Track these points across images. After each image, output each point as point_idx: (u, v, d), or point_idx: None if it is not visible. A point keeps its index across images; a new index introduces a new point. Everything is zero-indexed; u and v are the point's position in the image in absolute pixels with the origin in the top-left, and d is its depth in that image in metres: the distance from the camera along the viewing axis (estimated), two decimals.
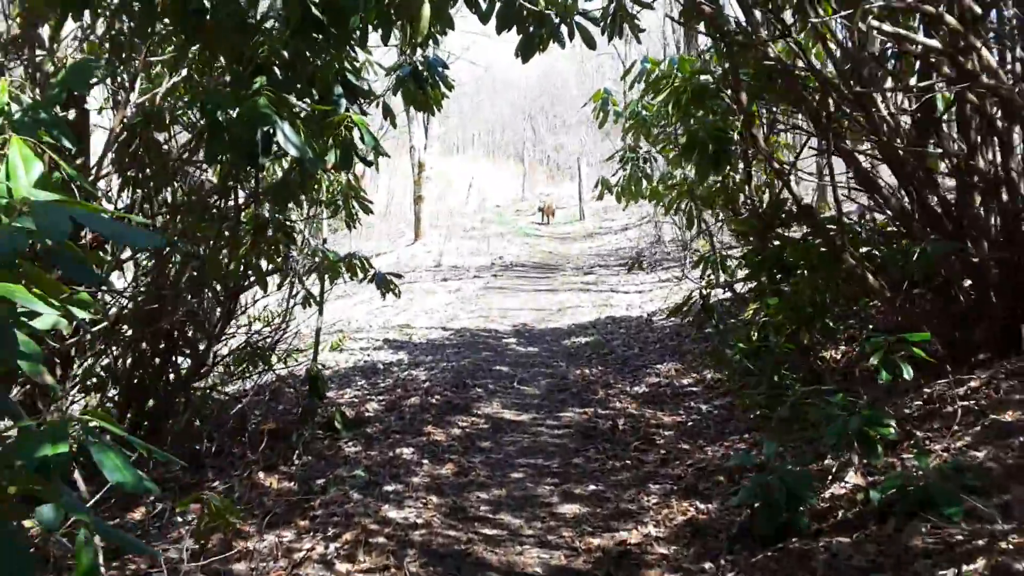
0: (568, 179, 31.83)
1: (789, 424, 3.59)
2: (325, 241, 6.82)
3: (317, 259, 5.84)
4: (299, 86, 3.29)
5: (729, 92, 4.32)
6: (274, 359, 5.63)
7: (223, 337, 5.17)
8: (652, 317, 8.02)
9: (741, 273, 5.72)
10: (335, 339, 8.17)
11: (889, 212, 3.95)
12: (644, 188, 7.14)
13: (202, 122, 2.85)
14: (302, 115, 3.00)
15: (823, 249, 4.02)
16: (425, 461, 4.38)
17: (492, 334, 8.28)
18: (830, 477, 3.29)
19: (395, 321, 9.46)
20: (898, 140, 3.68)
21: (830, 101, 3.79)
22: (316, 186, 5.94)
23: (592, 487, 3.94)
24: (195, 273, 4.59)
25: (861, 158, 4.04)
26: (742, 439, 4.35)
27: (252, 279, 5.20)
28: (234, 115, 2.77)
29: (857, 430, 3.02)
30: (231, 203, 4.66)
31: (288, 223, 5.19)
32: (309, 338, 7.33)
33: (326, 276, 5.81)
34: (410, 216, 19.65)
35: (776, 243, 5.19)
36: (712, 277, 5.78)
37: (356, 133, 3.12)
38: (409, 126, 17.86)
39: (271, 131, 2.74)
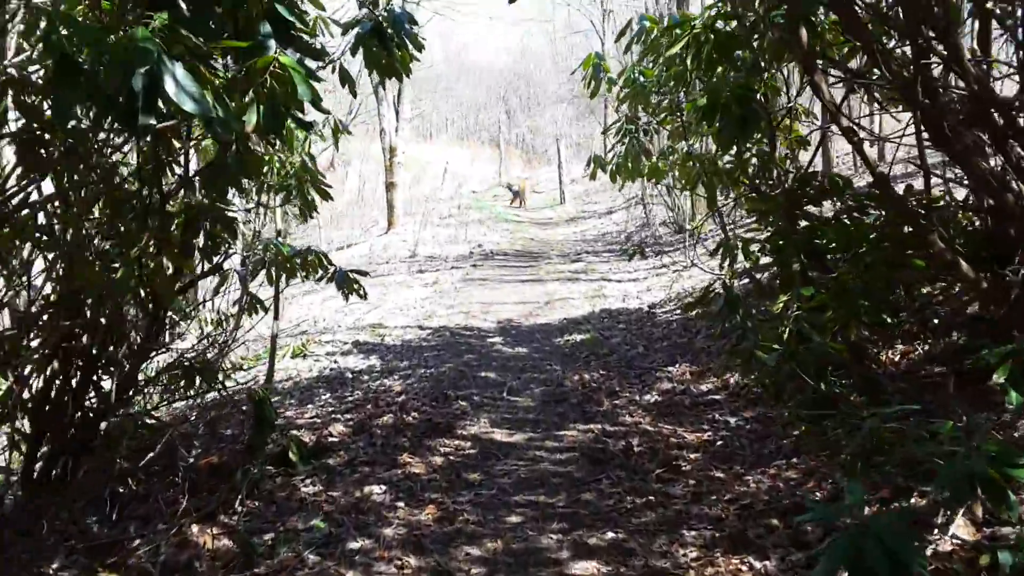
0: (546, 163, 30.95)
1: (867, 457, 2.78)
2: (280, 234, 5.92)
3: (269, 255, 4.95)
4: (212, 24, 2.40)
5: (768, 38, 3.48)
6: (223, 375, 4.76)
7: (154, 352, 4.30)
8: (654, 309, 7.20)
9: (761, 260, 4.93)
10: (298, 344, 7.28)
11: (972, 184, 3.14)
12: (642, 165, 6.33)
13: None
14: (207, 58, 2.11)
15: (904, 229, 3.19)
16: (400, 504, 3.54)
17: (475, 333, 7.42)
18: (935, 531, 2.51)
19: (367, 320, 8.56)
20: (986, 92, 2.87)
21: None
22: (264, 168, 5.07)
23: (610, 534, 3.13)
24: (115, 276, 3.70)
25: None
26: (788, 464, 3.56)
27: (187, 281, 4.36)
28: (103, 55, 1.88)
29: (982, 473, 2.21)
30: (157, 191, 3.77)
31: (229, 213, 4.29)
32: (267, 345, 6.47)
33: (282, 275, 4.92)
34: (383, 204, 18.69)
35: (804, 223, 4.44)
36: (730, 264, 4.98)
37: (290, 84, 2.24)
38: (379, 108, 16.88)
39: (155, 76, 1.86)
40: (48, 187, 3.38)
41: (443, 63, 50.00)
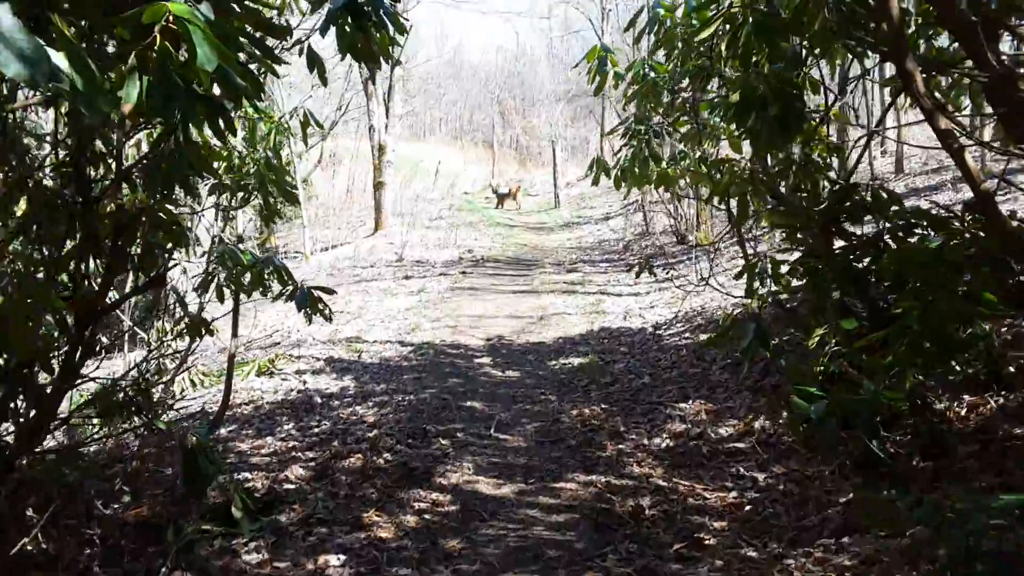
0: (541, 165, 30.29)
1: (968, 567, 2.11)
2: (241, 239, 5.22)
3: (224, 266, 4.26)
4: None
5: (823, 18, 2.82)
6: (161, 406, 4.10)
7: (79, 380, 3.61)
8: (660, 330, 6.53)
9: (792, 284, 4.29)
10: (265, 359, 6.57)
11: None
12: (650, 171, 5.67)
13: None
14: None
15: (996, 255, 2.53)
16: None
17: (461, 351, 6.73)
18: None
19: (344, 332, 7.87)
20: None
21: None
22: (221, 162, 4.40)
23: None
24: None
25: None
26: (839, 545, 2.88)
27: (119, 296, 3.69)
28: None
29: None
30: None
31: (172, 215, 3.60)
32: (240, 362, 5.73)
33: (236, 291, 4.23)
34: (371, 203, 17.98)
35: (842, 242, 3.84)
36: (757, 289, 4.31)
37: (190, 45, 1.54)
38: (368, 104, 16.18)
39: None
40: None
41: (437, 62, 49.33)
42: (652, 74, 5.23)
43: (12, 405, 3.23)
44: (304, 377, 6.22)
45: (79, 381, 3.62)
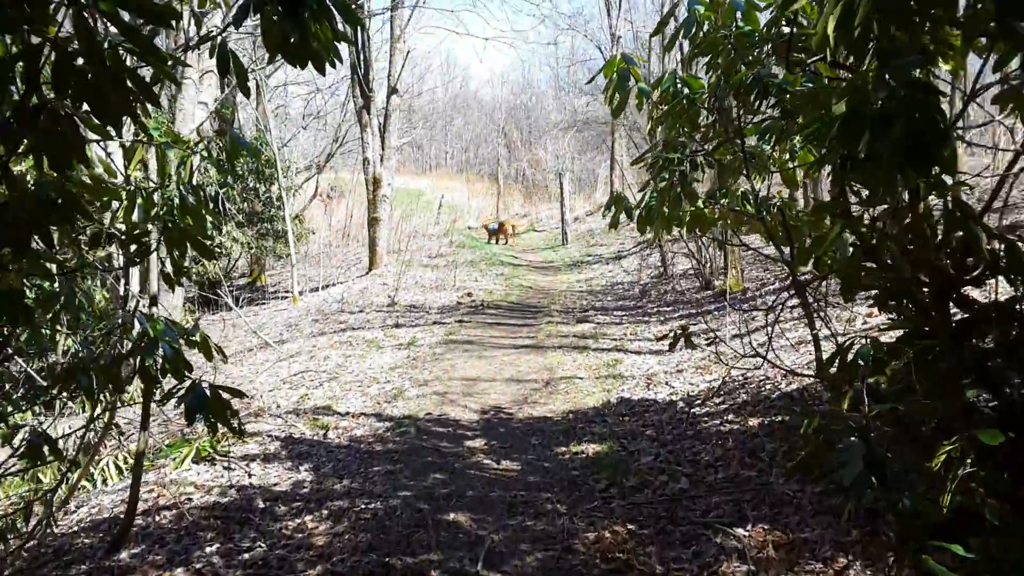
0: (547, 198, 29.22)
1: None
2: (155, 301, 4.03)
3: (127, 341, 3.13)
4: None
5: None
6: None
7: None
8: (693, 407, 5.28)
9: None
10: (207, 440, 5.35)
11: None
12: (682, 210, 4.50)
13: None
14: None
15: None
16: None
17: (449, 431, 5.50)
18: None
19: (314, 398, 6.65)
20: None
21: None
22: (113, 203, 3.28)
23: None
24: None
25: None
26: None
27: None
28: None
29: None
30: None
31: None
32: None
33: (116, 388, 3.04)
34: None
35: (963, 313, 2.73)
36: (848, 378, 3.09)
37: None
38: (362, 135, 15.13)
39: None
40: None
41: (443, 95, 48.84)
42: (686, 90, 4.08)
43: None
44: (251, 466, 4.99)
45: None
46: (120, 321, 2.97)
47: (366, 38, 14.69)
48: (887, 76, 2.23)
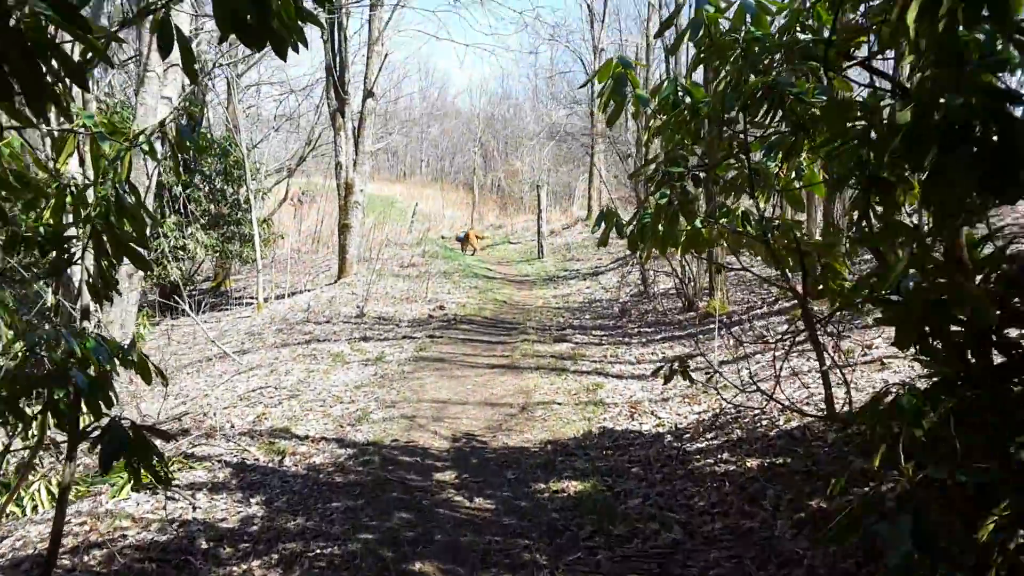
0: (522, 210, 28.86)
1: None
2: (86, 315, 3.53)
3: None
4: None
5: None
6: None
7: None
8: (683, 442, 4.88)
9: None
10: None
11: None
12: (680, 229, 4.13)
13: None
14: None
15: None
16: None
17: (417, 460, 5.05)
18: None
19: (272, 418, 6.16)
20: None
21: None
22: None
23: None
24: None
25: None
26: None
27: None
28: None
29: None
30: None
31: None
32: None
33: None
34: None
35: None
36: (884, 435, 2.71)
37: None
38: (335, 138, 14.64)
39: None
40: None
41: (419, 102, 48.42)
42: (688, 99, 3.72)
43: None
44: (197, 497, 4.50)
45: None
46: (42, 337, 2.50)
47: (343, 38, 14.23)
48: (960, 82, 1.86)
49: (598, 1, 21.24)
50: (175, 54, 2.19)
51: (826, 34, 2.83)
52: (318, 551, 3.67)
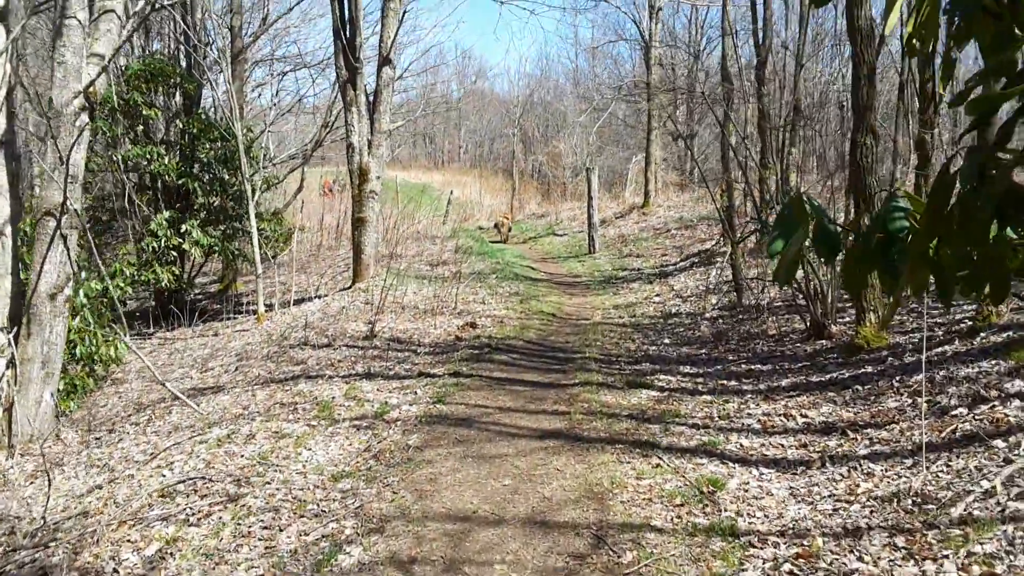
0: (567, 196, 26.17)
1: None
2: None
3: None
4: None
5: None
6: None
7: None
8: None
9: None
10: None
11: None
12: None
13: None
14: None
15: None
16: None
17: None
18: None
19: (183, 552, 3.73)
20: None
21: None
22: None
23: None
24: None
25: None
26: None
27: None
28: None
29: None
30: None
31: None
32: None
33: None
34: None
35: None
36: None
37: None
38: (346, 116, 12.19)
39: None
40: None
41: (457, 89, 46.14)
42: None
43: None
44: None
45: None
46: None
47: None
48: None
49: None
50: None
51: None
52: None
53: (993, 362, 4.67)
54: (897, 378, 4.97)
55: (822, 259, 1.88)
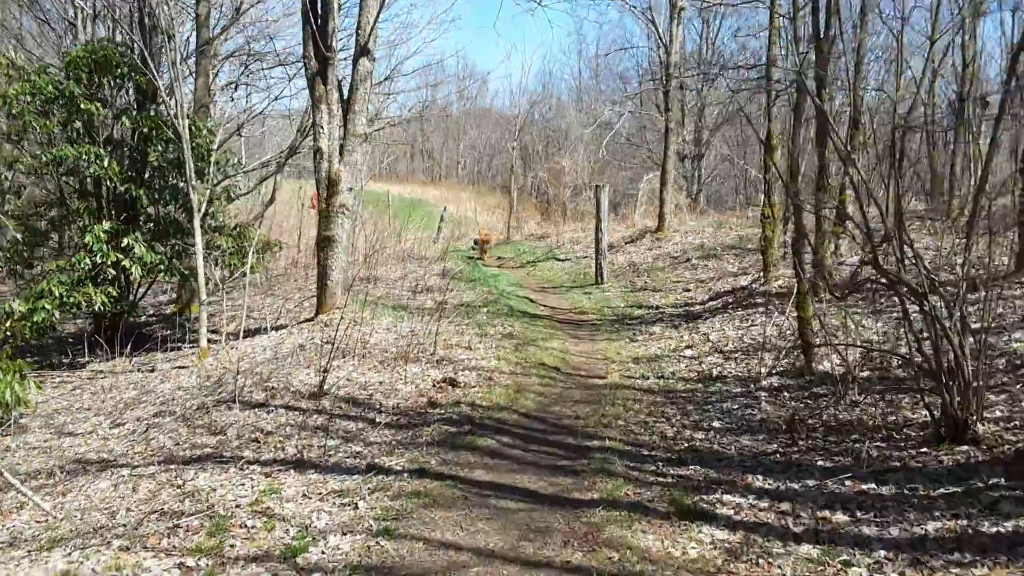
0: (569, 217, 24.16)
1: None
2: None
3: None
4: None
5: None
6: None
7: None
8: None
9: None
10: None
11: None
12: None
13: None
14: None
15: None
16: None
17: None
18: None
19: None
20: None
21: None
22: None
23: None
24: None
25: None
26: None
27: None
28: None
29: None
30: None
31: None
32: None
33: None
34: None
35: None
36: None
37: None
38: (314, 115, 10.19)
39: None
40: None
41: (457, 104, 44.63)
42: None
43: None
44: None
45: None
46: None
47: None
48: None
49: None
50: None
51: None
52: None
53: None
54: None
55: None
